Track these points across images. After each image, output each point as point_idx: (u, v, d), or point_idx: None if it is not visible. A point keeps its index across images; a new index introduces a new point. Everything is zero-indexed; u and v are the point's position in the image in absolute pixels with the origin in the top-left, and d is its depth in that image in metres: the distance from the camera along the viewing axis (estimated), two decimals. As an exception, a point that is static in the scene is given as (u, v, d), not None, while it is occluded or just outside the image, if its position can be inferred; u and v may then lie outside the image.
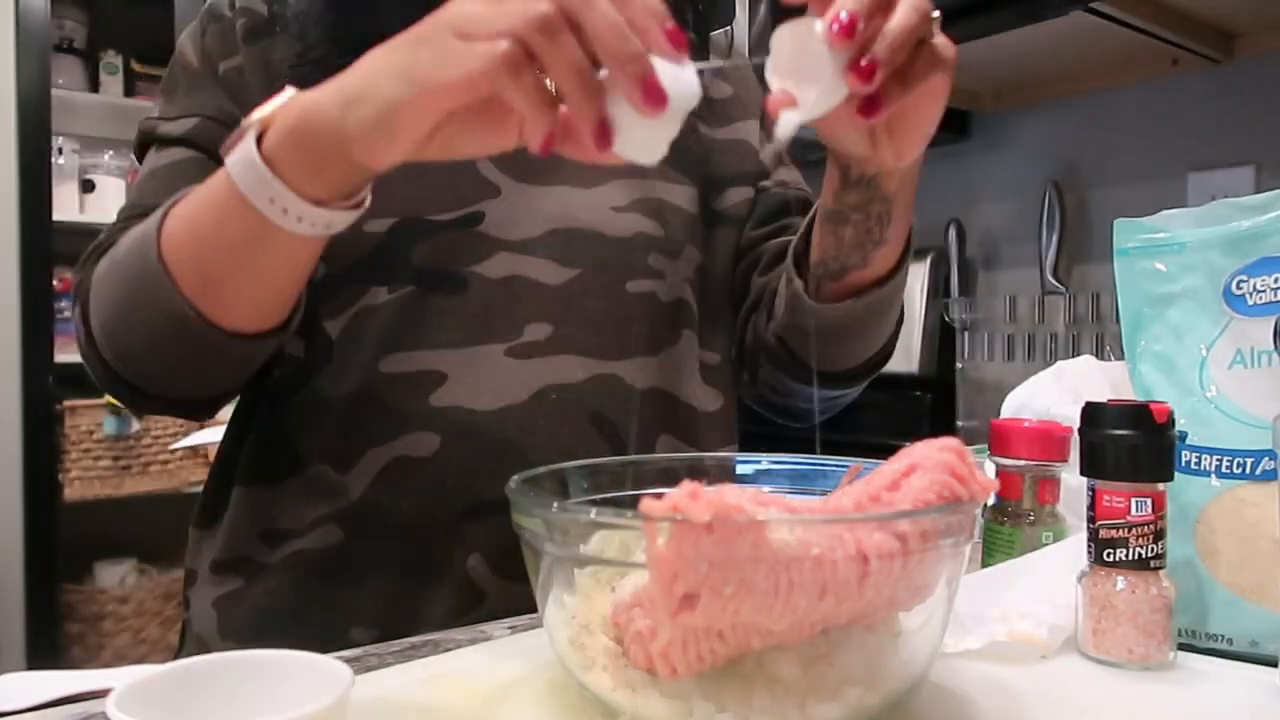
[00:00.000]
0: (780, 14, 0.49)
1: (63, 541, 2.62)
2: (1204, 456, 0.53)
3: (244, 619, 0.69)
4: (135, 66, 2.90)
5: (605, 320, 0.72)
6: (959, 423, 1.74)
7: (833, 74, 0.48)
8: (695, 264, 0.79)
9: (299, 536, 0.69)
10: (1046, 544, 0.61)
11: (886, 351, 0.79)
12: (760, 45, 1.46)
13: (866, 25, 0.47)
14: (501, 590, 0.66)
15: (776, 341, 0.78)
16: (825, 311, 0.70)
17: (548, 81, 0.45)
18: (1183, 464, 0.53)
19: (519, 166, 0.73)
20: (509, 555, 0.55)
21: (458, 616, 0.65)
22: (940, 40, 0.53)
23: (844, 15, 0.46)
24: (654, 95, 0.43)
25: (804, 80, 0.49)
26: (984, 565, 0.64)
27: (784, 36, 0.49)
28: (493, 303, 0.69)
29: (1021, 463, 0.62)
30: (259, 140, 0.51)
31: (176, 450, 2.72)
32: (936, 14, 0.52)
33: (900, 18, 0.49)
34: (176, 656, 0.72)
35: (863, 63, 0.47)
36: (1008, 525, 0.63)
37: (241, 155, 0.51)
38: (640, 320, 0.74)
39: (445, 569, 0.66)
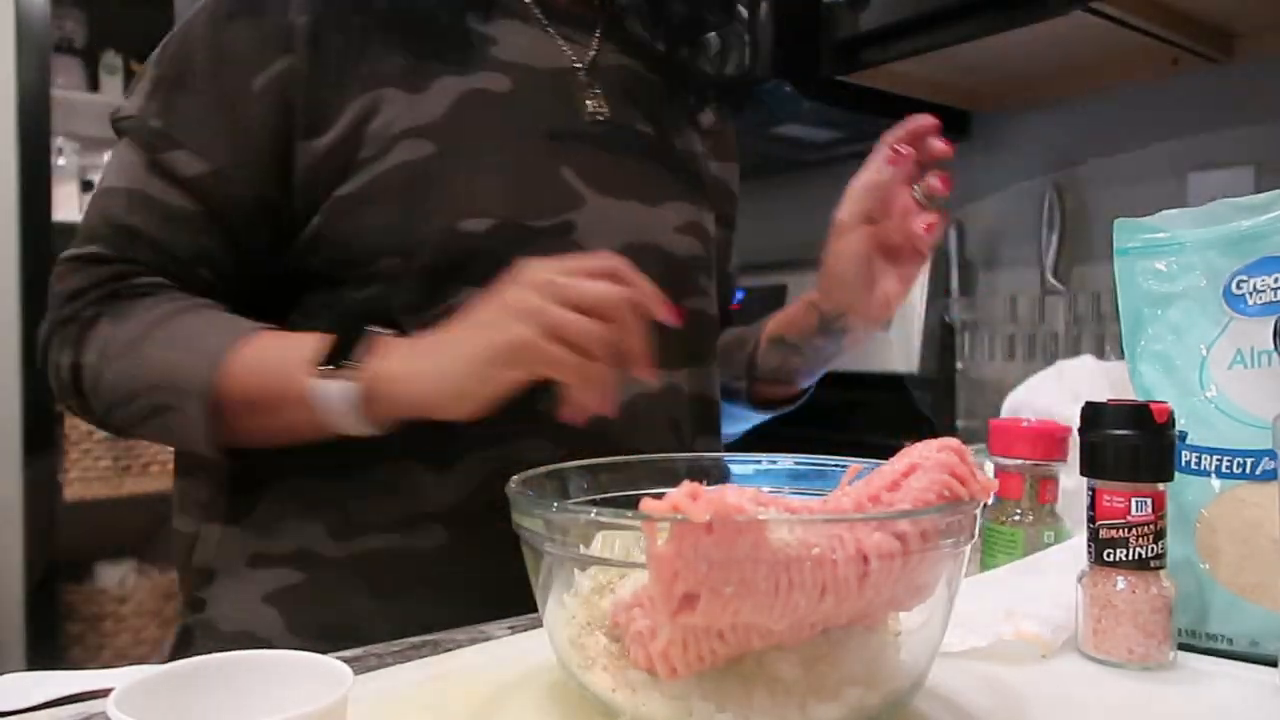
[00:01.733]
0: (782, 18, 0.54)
1: (63, 541, 2.62)
2: (1204, 456, 0.53)
3: (316, 615, 0.67)
4: (135, 66, 2.90)
5: (668, 334, 0.73)
6: (959, 423, 1.74)
7: None
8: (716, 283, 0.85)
9: (381, 532, 0.67)
10: (1048, 544, 0.61)
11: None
12: (759, 50, 1.46)
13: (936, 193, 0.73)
14: None
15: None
16: (753, 415, 0.90)
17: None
18: (1183, 464, 0.53)
19: (600, 177, 0.74)
20: None
21: None
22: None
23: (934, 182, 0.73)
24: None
25: None
26: (984, 565, 0.64)
27: None
28: None
29: (1021, 462, 0.62)
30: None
31: (176, 450, 2.72)
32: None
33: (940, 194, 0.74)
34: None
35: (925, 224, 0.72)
36: (1008, 525, 0.63)
37: (340, 396, 0.60)
38: (692, 335, 0.78)
39: None
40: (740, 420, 0.93)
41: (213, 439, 0.64)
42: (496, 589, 0.57)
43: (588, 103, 0.76)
